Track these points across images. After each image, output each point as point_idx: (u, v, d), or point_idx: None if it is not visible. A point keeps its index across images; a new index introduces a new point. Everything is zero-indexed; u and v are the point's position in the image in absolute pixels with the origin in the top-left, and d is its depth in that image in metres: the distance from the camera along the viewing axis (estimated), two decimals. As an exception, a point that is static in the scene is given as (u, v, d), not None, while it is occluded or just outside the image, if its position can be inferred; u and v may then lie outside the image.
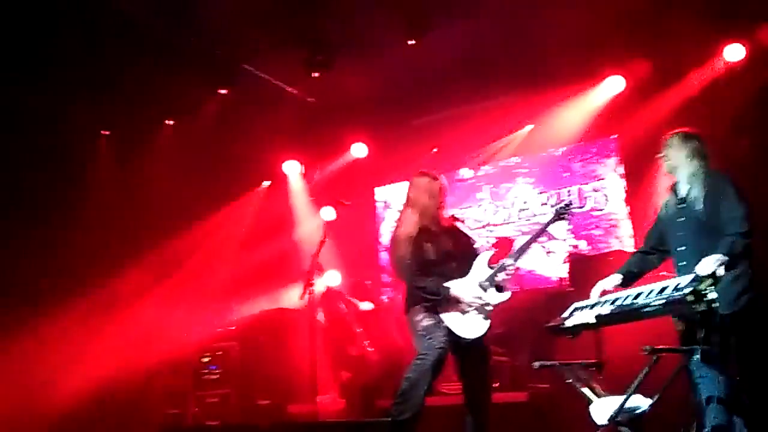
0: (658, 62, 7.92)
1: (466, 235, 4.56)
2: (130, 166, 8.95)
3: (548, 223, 4.62)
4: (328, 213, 8.75)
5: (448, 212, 4.68)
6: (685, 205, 4.00)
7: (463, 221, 4.73)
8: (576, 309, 3.99)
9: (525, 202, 9.22)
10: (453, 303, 4.27)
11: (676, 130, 4.20)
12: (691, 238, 3.89)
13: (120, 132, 8.87)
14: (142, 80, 8.00)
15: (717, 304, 3.26)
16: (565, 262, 8.12)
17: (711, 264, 3.45)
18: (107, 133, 9.22)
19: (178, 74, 8.02)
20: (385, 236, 10.15)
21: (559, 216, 4.60)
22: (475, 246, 4.57)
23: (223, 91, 8.96)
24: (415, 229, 4.39)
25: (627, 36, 7.59)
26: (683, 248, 3.95)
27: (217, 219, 9.15)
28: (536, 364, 4.24)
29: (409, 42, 7.91)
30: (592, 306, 3.87)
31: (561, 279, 7.49)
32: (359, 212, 9.39)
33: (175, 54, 7.86)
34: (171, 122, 9.46)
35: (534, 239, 4.58)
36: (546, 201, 9.01)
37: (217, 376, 8.53)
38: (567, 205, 4.64)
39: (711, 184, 3.90)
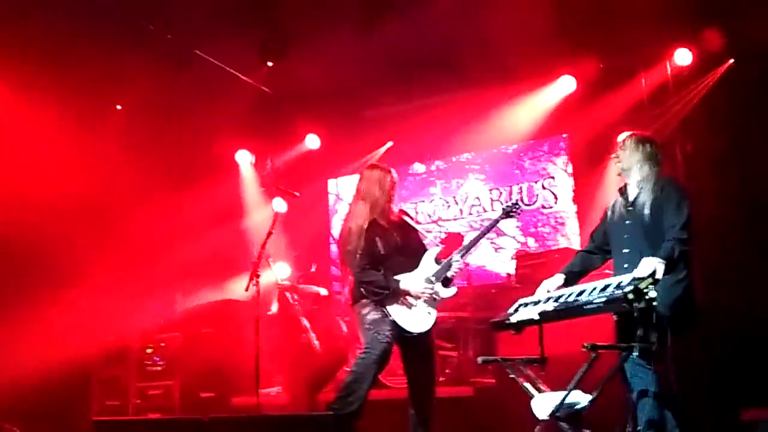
0: (608, 63, 8.06)
1: (414, 230, 4.56)
2: (78, 148, 8.70)
3: (496, 221, 4.67)
4: (279, 204, 8.66)
5: (398, 206, 4.66)
6: (632, 208, 4.03)
7: (410, 216, 4.72)
8: (521, 305, 4.03)
9: (476, 198, 9.29)
10: (400, 297, 4.27)
11: (631, 133, 4.21)
12: (636, 241, 3.93)
13: (69, 114, 8.60)
14: (93, 63, 7.77)
15: (656, 303, 3.32)
16: (512, 259, 8.21)
17: (651, 265, 3.52)
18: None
19: (130, 58, 7.81)
20: (337, 229, 10.11)
21: (507, 214, 4.66)
22: (422, 241, 4.57)
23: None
24: (366, 222, 4.36)
25: (578, 36, 7.70)
26: (627, 251, 3.99)
27: (166, 207, 8.95)
28: (480, 358, 4.26)
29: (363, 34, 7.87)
30: (536, 302, 3.91)
31: (509, 275, 7.56)
32: (310, 204, 9.35)
33: (127, 37, 7.67)
34: (120, 107, 9.25)
35: (481, 236, 4.61)
36: (498, 198, 9.09)
37: (160, 367, 8.38)
38: (515, 204, 4.71)
39: (659, 190, 3.94)
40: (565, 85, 8.47)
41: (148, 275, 8.46)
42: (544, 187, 8.83)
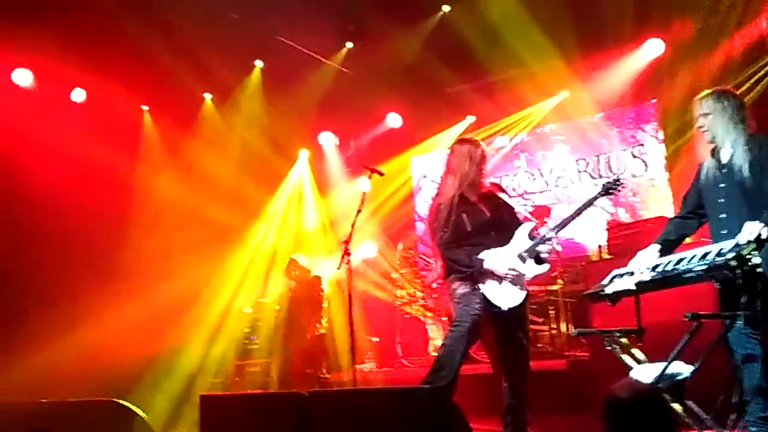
0: (699, 23, 7.70)
1: (506, 204, 4.47)
2: (171, 140, 9.09)
3: (595, 198, 4.42)
4: (364, 183, 8.75)
5: (489, 180, 4.60)
6: (727, 170, 3.79)
7: (504, 190, 4.64)
8: (616, 276, 3.94)
9: (562, 170, 9.11)
10: (489, 273, 4.24)
11: (707, 93, 3.92)
12: (733, 205, 3.71)
13: (160, 107, 8.98)
14: (179, 55, 8.03)
15: (761, 269, 3.19)
16: (604, 230, 8.01)
17: (754, 229, 3.35)
18: (147, 108, 9.38)
19: (214, 48, 8.03)
20: (420, 206, 10.16)
21: (607, 191, 4.34)
22: (516, 215, 4.48)
23: (259, 63, 9.00)
24: (454, 197, 4.34)
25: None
26: (724, 216, 3.77)
27: (256, 191, 9.24)
28: (575, 331, 4.20)
29: (443, 8, 7.80)
30: (632, 273, 3.82)
31: (600, 247, 7.38)
32: (394, 182, 9.41)
33: (210, 28, 7.88)
34: (209, 96, 9.56)
35: (578, 213, 4.42)
36: (585, 168, 8.89)
37: (257, 345, 8.69)
38: (616, 181, 4.36)
39: (758, 149, 3.68)
40: (652, 49, 8.17)
41: (242, 258, 8.75)
42: (633, 156, 8.57)
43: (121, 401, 5.58)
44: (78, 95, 8.87)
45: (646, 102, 8.51)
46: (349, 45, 9.15)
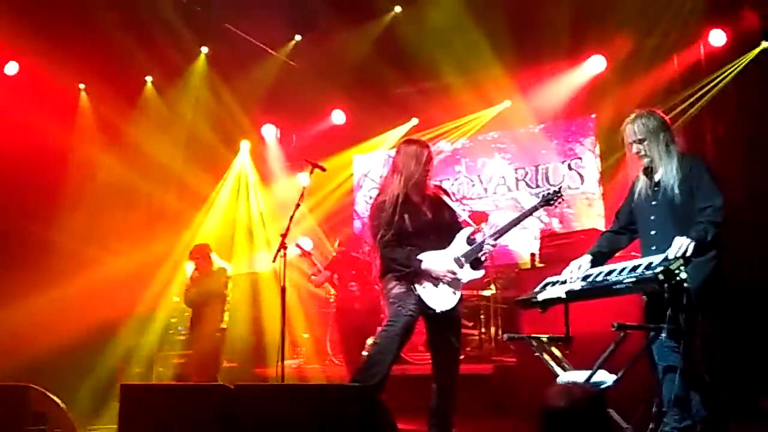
0: (640, 43, 7.94)
1: (449, 207, 4.50)
2: (109, 120, 8.84)
3: (534, 208, 4.51)
4: (304, 178, 8.68)
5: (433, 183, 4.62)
6: (658, 188, 3.89)
7: (447, 193, 4.66)
8: (548, 284, 4.01)
9: (501, 177, 9.25)
10: (425, 274, 4.27)
11: (640, 114, 3.96)
12: (663, 222, 3.83)
13: (98, 86, 8.70)
14: (123, 36, 7.81)
15: (687, 284, 3.29)
16: (536, 239, 8.17)
17: (684, 244, 3.46)
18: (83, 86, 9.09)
19: (159, 30, 7.85)
20: (360, 204, 10.15)
21: (546, 202, 4.47)
22: (457, 219, 4.51)
23: (204, 50, 8.83)
24: (398, 196, 4.34)
25: (610, 15, 7.58)
26: (654, 232, 3.88)
27: (193, 180, 9.06)
28: (506, 335, 4.26)
29: (395, 9, 7.81)
30: (564, 282, 3.89)
31: (532, 255, 7.53)
32: (334, 179, 9.38)
33: (157, 9, 7.69)
34: (150, 79, 9.32)
35: (518, 221, 4.50)
36: (523, 177, 9.06)
37: (184, 336, 8.51)
38: (556, 192, 4.49)
39: (688, 169, 3.80)
40: (594, 65, 8.38)
41: (175, 247, 8.55)
42: (570, 168, 8.77)
43: (37, 387, 5.39)
44: (11, 68, 8.52)
45: (585, 116, 8.72)
46: (298, 38, 9.06)
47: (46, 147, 8.10)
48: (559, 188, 4.49)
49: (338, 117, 9.97)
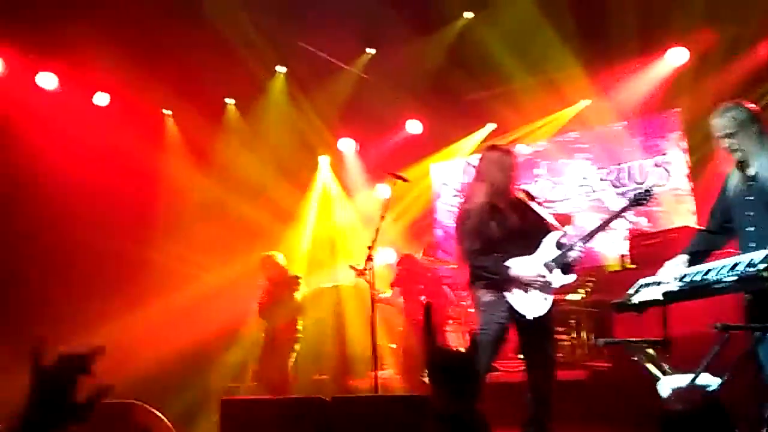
0: (724, 32, 7.64)
1: (535, 213, 4.45)
2: (195, 143, 9.18)
3: (625, 209, 4.41)
4: (385, 189, 8.78)
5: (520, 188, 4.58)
6: (754, 182, 3.73)
7: (534, 198, 4.61)
8: (642, 285, 3.90)
9: (584, 178, 9.06)
10: (515, 281, 4.22)
11: (729, 106, 3.80)
12: (761, 218, 3.67)
13: (184, 111, 9.06)
14: (202, 61, 8.09)
15: (793, 281, 3.15)
16: (625, 239, 7.96)
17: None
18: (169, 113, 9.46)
19: (236, 54, 8.09)
20: (440, 213, 10.14)
21: (637, 202, 4.35)
22: (545, 224, 4.45)
23: (281, 69, 9.05)
24: (483, 205, 4.32)
25: (690, 4, 7.35)
26: (752, 228, 3.71)
27: (276, 197, 9.27)
28: (601, 340, 4.17)
29: (466, 15, 7.80)
30: (659, 283, 3.78)
31: (622, 256, 7.33)
32: (414, 189, 9.40)
33: (233, 33, 7.93)
34: (232, 101, 9.63)
35: (607, 223, 4.41)
36: (606, 176, 8.85)
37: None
38: (646, 192, 4.36)
39: None
40: (676, 57, 8.13)
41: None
42: (656, 165, 8.51)
43: (140, 402, 5.61)
44: (101, 99, 8.96)
45: (669, 111, 8.45)
46: (371, 51, 9.16)
47: (138, 171, 8.49)
48: (650, 188, 4.35)
49: (414, 127, 10.01)
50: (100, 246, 7.87)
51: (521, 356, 4.48)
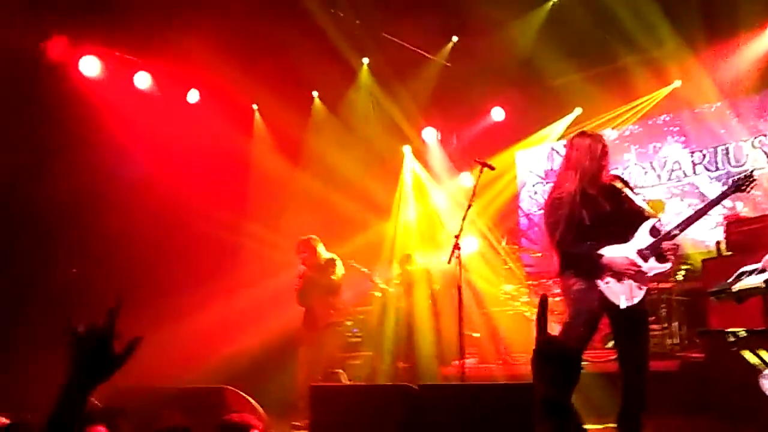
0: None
1: (628, 199, 4.31)
2: (284, 134, 9.40)
3: (725, 195, 4.19)
4: (468, 178, 8.73)
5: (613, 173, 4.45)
6: None
7: (627, 183, 4.48)
8: (743, 273, 3.75)
9: (676, 163, 8.74)
10: (607, 269, 4.12)
11: None
12: None
13: (272, 105, 9.29)
14: (288, 55, 8.24)
15: None
16: (719, 225, 7.64)
17: None
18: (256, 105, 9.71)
19: (322, 47, 8.20)
20: (525, 201, 10.01)
21: (737, 187, 4.10)
22: (638, 210, 4.31)
23: (365, 60, 9.13)
24: (573, 191, 4.23)
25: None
26: None
27: (359, 186, 9.38)
28: (699, 330, 4.03)
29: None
30: (762, 270, 3.62)
31: (718, 243, 7.03)
32: (498, 177, 9.31)
33: (316, 26, 8.04)
34: (316, 94, 9.80)
35: (706, 210, 4.23)
36: (701, 161, 8.50)
37: (360, 339, 8.79)
38: (748, 177, 4.11)
39: None
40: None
41: (348, 251, 8.88)
42: (754, 146, 8.11)
43: (232, 388, 5.81)
44: (193, 96, 9.28)
45: (768, 90, 8.04)
46: (455, 39, 9.10)
47: (229, 164, 8.76)
48: (751, 171, 4.14)
49: (498, 114, 9.89)
50: (195, 236, 8.18)
51: (610, 346, 4.38)
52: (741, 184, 4.09)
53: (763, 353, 3.61)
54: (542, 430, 1.63)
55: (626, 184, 4.44)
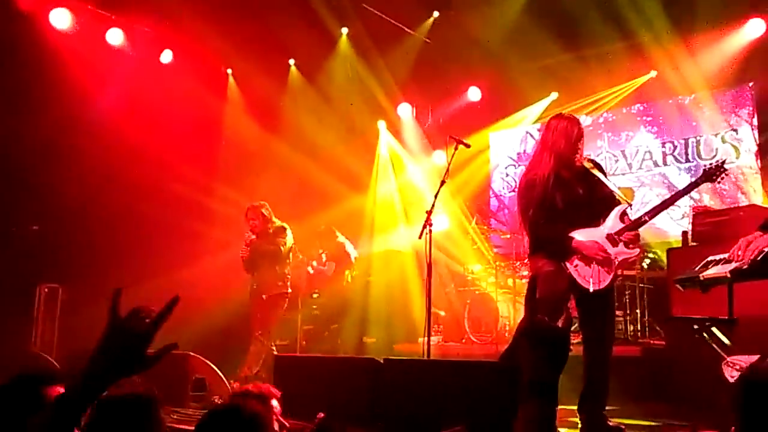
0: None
1: (601, 184, 4.34)
2: (258, 100, 9.26)
3: (696, 184, 4.22)
4: (441, 156, 8.70)
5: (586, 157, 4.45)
6: None
7: (601, 168, 4.49)
8: (710, 262, 3.79)
9: (647, 152, 8.82)
10: (577, 252, 4.14)
11: None
12: None
13: (246, 71, 9.14)
14: (265, 20, 8.09)
15: None
16: (686, 216, 7.76)
17: None
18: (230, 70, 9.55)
19: (300, 14, 8.07)
20: (497, 182, 10.04)
21: (708, 177, 4.11)
22: (611, 195, 4.33)
23: (344, 30, 9.01)
24: (549, 175, 4.23)
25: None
26: None
27: (332, 157, 9.30)
28: (666, 318, 4.07)
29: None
30: (728, 261, 3.66)
31: (684, 233, 7.14)
32: (470, 157, 9.31)
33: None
34: (293, 62, 9.66)
35: (676, 198, 4.27)
36: (671, 152, 8.60)
37: (318, 310, 8.78)
38: (719, 167, 4.10)
39: None
40: (753, 29, 7.77)
41: (316, 223, 8.82)
42: (724, 141, 8.22)
43: (196, 354, 5.77)
44: (166, 56, 9.08)
45: (742, 85, 8.12)
46: (436, 14, 9.02)
47: (201, 127, 8.63)
48: (722, 162, 4.17)
49: (474, 94, 9.86)
50: (164, 197, 8.04)
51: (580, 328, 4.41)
52: (712, 174, 4.11)
53: (724, 341, 3.67)
54: (527, 410, 1.60)
55: (599, 168, 4.46)
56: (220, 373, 5.85)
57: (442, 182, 5.25)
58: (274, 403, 3.04)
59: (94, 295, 6.86)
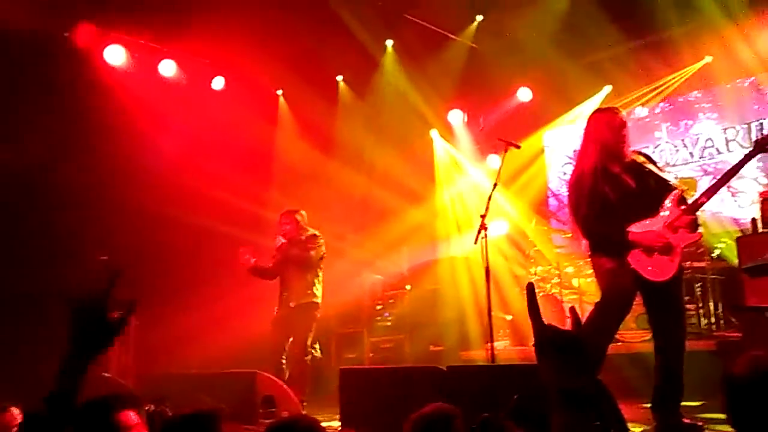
0: None
1: (653, 173, 4.21)
2: (310, 120, 9.37)
3: (749, 156, 4.05)
4: (495, 159, 8.62)
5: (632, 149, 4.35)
6: None
7: (651, 159, 4.37)
8: (781, 249, 3.64)
9: (708, 140, 8.54)
10: (637, 245, 4.03)
11: None
12: None
13: (296, 91, 9.26)
14: (310, 37, 8.19)
15: None
16: (755, 202, 7.46)
17: None
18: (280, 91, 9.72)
19: (344, 30, 8.14)
20: (554, 181, 9.88)
21: (761, 147, 3.97)
22: (664, 183, 4.21)
23: (389, 42, 9.05)
24: (596, 168, 4.14)
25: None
26: None
27: (383, 169, 9.34)
28: (733, 306, 3.92)
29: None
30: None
31: (753, 220, 6.86)
32: (525, 158, 9.20)
33: (340, 10, 7.98)
34: (341, 78, 9.75)
35: (731, 174, 4.11)
36: (734, 137, 8.30)
37: (390, 322, 8.82)
38: None
39: None
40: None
41: (376, 237, 8.87)
42: (790, 121, 7.89)
43: (263, 372, 5.84)
44: (217, 83, 9.29)
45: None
46: (480, 18, 8.98)
47: (253, 151, 8.76)
48: None
49: (525, 95, 9.74)
50: (218, 226, 8.17)
51: (644, 326, 4.29)
52: (765, 143, 3.94)
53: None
54: (559, 420, 1.55)
55: (649, 158, 4.35)
56: (289, 390, 5.91)
57: (495, 185, 5.21)
58: None
59: (164, 322, 7.10)
